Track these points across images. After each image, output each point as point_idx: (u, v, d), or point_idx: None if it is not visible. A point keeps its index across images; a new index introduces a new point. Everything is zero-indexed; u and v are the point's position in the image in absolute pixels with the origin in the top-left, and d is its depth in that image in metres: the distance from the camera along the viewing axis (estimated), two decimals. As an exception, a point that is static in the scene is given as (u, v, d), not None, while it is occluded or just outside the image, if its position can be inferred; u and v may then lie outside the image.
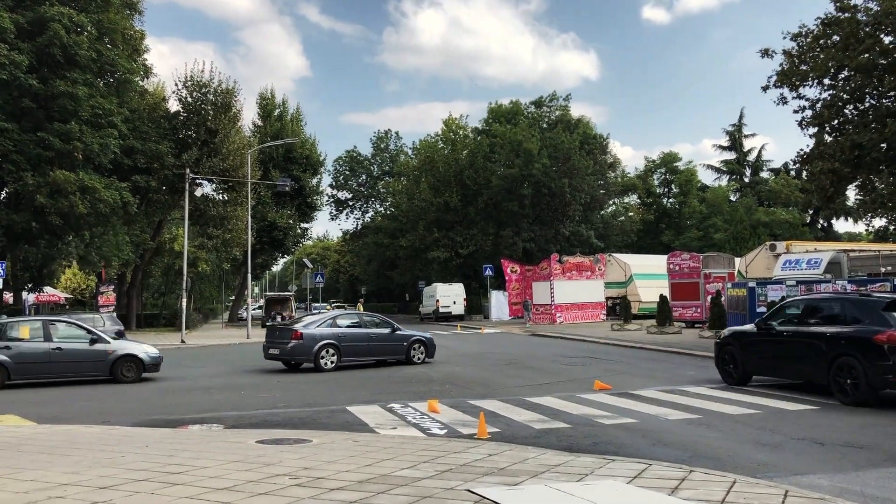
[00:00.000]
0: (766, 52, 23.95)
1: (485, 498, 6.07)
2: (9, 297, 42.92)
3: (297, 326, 19.75)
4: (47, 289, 48.03)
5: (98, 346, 17.51)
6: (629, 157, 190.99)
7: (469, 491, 6.32)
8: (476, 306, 56.98)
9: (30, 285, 43.01)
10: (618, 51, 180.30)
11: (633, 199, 76.03)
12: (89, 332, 18.05)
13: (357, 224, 79.75)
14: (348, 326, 20.45)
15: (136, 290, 47.31)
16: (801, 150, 24.90)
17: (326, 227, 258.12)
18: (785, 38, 23.82)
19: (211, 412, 12.60)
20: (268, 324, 33.78)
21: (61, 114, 32.10)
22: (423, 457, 7.95)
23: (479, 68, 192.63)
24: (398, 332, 21.10)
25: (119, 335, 22.84)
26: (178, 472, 7.15)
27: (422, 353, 21.09)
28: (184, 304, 35.36)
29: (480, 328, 40.34)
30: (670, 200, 75.51)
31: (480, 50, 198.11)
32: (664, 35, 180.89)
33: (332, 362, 19.36)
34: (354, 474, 7.01)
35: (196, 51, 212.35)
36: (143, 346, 18.55)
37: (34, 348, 16.95)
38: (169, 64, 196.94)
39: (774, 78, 23.96)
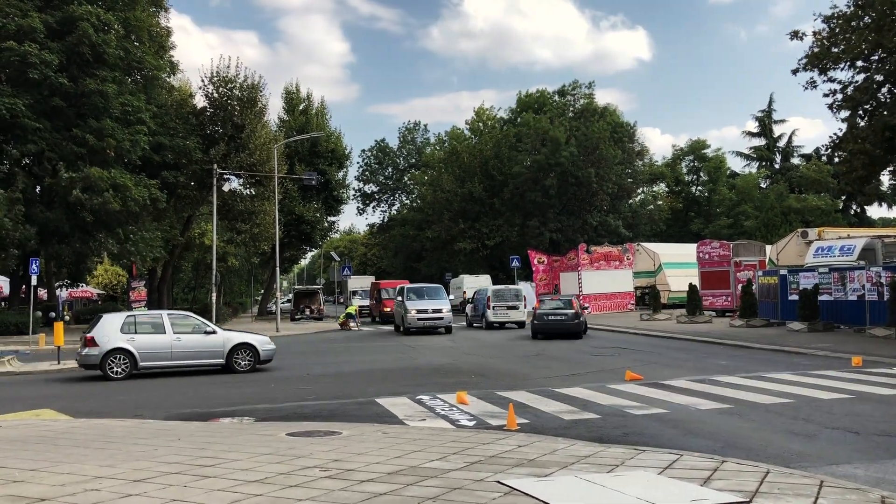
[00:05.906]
0: (795, 34, 23.52)
1: (515, 489, 6.06)
2: (43, 293, 43.76)
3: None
4: (80, 285, 48.78)
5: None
6: (667, 144, 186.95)
7: (499, 482, 6.31)
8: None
9: (66, 281, 43.70)
10: (669, 32, 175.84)
11: (661, 187, 75.23)
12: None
13: (384, 217, 79.81)
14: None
15: (166, 285, 47.97)
16: (834, 133, 24.51)
17: (353, 220, 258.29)
18: (816, 19, 23.41)
19: (242, 405, 12.73)
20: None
21: (92, 111, 32.52)
22: (453, 448, 7.96)
23: (522, 52, 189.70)
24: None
25: None
26: (209, 464, 7.23)
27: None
28: (213, 298, 35.77)
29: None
30: (699, 188, 74.60)
31: (523, 32, 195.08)
32: (719, 13, 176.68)
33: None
34: (384, 466, 7.04)
35: (241, 39, 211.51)
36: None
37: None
38: (214, 54, 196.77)
39: (805, 60, 23.55)
